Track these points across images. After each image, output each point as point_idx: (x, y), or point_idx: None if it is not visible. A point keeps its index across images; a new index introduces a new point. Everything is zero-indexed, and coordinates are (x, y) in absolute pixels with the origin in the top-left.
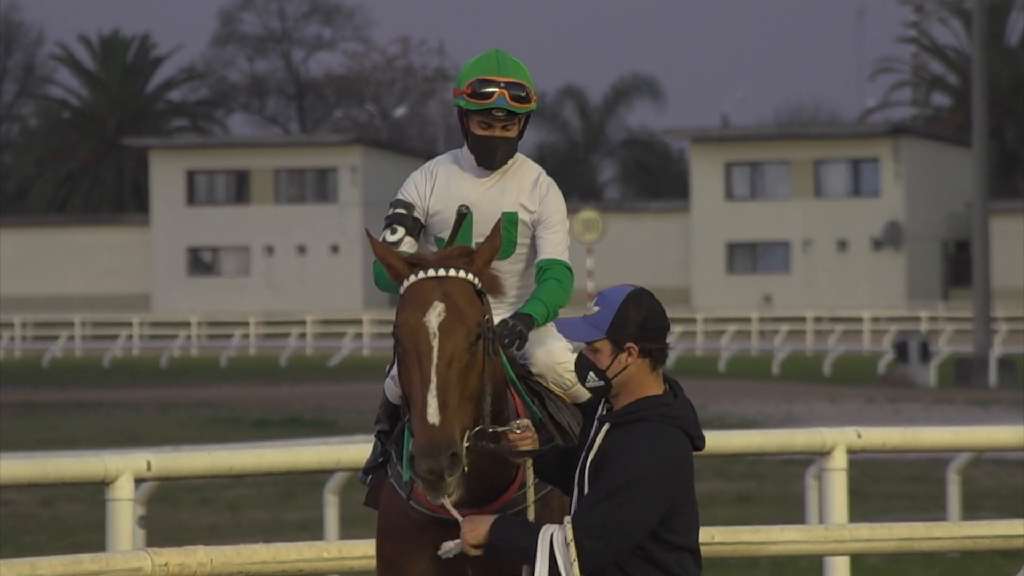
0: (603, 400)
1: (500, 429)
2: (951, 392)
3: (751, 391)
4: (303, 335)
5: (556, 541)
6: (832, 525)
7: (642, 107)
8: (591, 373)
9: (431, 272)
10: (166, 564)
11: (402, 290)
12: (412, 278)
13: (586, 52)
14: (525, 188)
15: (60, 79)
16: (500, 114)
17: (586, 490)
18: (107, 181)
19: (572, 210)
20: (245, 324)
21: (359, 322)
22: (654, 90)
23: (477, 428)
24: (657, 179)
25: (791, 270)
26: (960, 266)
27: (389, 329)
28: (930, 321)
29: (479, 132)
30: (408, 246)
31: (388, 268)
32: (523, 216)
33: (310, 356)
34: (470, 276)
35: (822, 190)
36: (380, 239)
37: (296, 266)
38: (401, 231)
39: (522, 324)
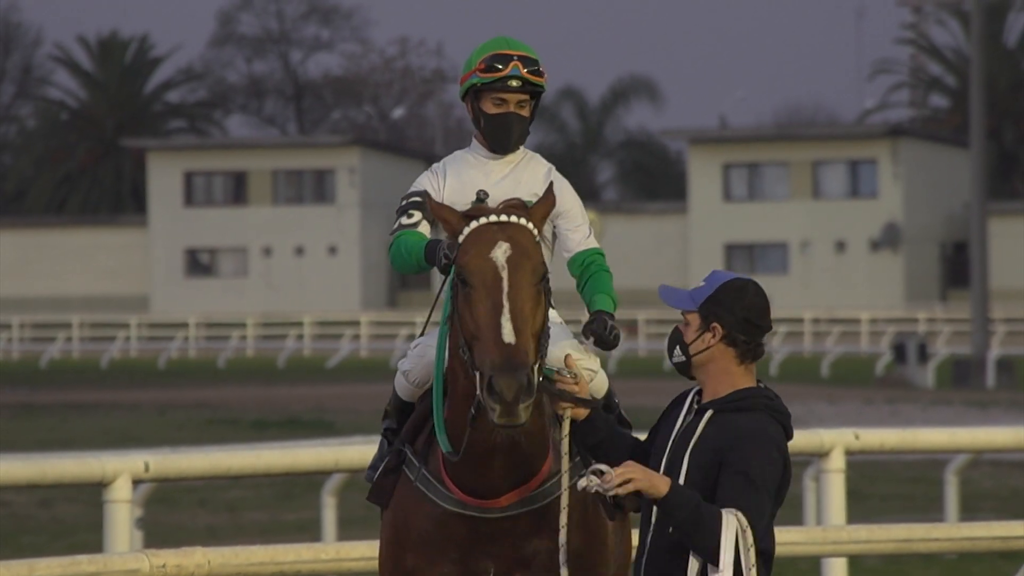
0: (694, 392)
1: (556, 370)
2: (949, 393)
3: None
4: (301, 336)
5: (738, 526)
6: (830, 526)
7: (640, 108)
8: (677, 347)
9: (492, 218)
10: (164, 565)
11: (462, 238)
12: (473, 224)
13: (584, 53)
14: (539, 180)
15: (58, 80)
16: (516, 84)
17: (682, 475)
18: (105, 182)
19: None
20: (243, 325)
21: (357, 323)
22: (652, 91)
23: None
24: (655, 180)
25: (789, 271)
26: (958, 267)
27: (387, 331)
28: (928, 322)
29: (493, 110)
30: (425, 228)
31: (443, 223)
32: None
33: (308, 357)
34: (529, 224)
35: (820, 191)
36: (395, 225)
37: (294, 267)
38: (417, 215)
39: (613, 321)
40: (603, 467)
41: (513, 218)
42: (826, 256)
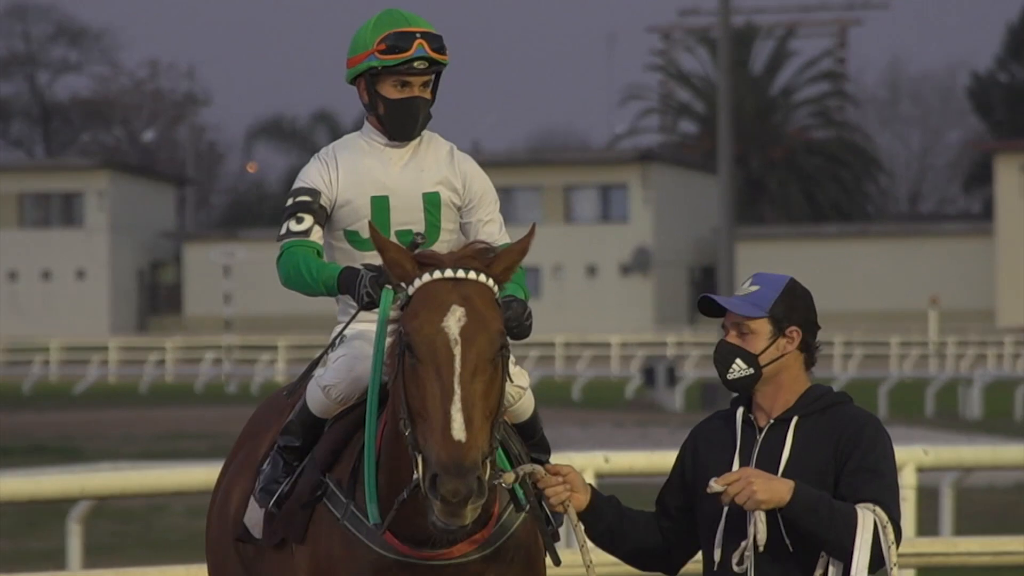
0: (743, 405)
1: (527, 470)
2: (698, 416)
3: None
4: (47, 361)
5: (877, 522)
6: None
7: None
8: (737, 360)
9: (447, 272)
10: None
11: (411, 291)
12: (425, 277)
13: (337, 76)
14: (443, 164)
15: None
16: (422, 66)
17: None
18: None
19: None
20: None
21: (105, 348)
22: None
23: (488, 459)
24: None
25: (542, 295)
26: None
27: (136, 356)
28: (677, 346)
29: (396, 95)
30: (316, 236)
31: (395, 267)
32: (446, 196)
33: (54, 383)
34: (489, 281)
35: (572, 216)
36: (283, 230)
37: (41, 291)
38: (308, 219)
39: (526, 310)
40: (717, 486)
41: (471, 274)
42: (578, 280)
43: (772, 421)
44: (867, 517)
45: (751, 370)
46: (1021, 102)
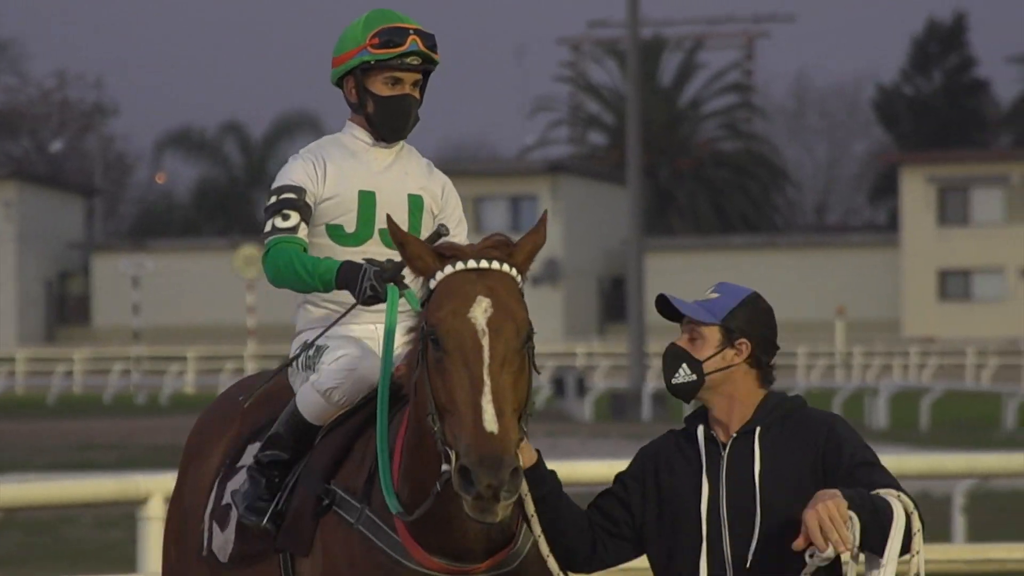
0: (701, 423)
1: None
2: (607, 426)
3: None
4: None
5: (904, 510)
6: None
7: (304, 143)
8: (683, 366)
9: (470, 263)
10: None
11: (433, 284)
12: (448, 269)
13: (247, 87)
14: (423, 171)
15: None
16: (415, 61)
17: (757, 506)
18: None
19: (233, 246)
20: None
21: (12, 360)
22: (316, 125)
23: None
24: None
25: None
26: (615, 302)
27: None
28: (587, 356)
29: (387, 92)
30: (303, 233)
31: (415, 260)
32: (427, 202)
33: None
34: (512, 271)
35: (483, 227)
36: (268, 227)
37: None
38: (295, 216)
39: None
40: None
41: (495, 264)
42: None
43: (735, 435)
44: (897, 504)
45: (694, 376)
46: (926, 114)
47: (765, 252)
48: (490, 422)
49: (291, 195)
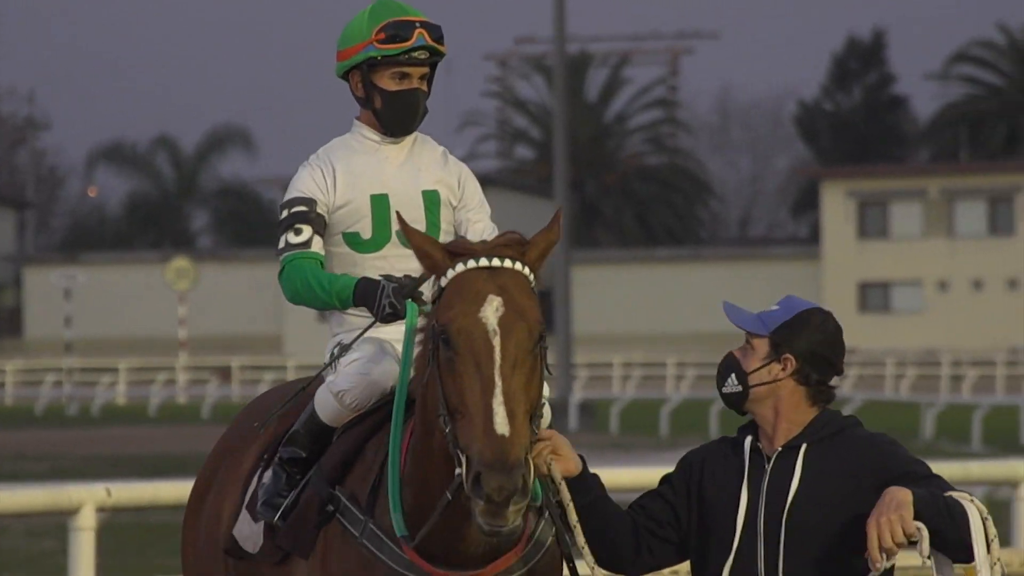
0: (751, 434)
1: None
2: None
3: None
4: None
5: (980, 514)
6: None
7: (235, 157)
8: (732, 376)
9: (481, 262)
10: None
11: (444, 282)
12: (459, 267)
13: (179, 102)
14: (437, 163)
15: None
16: (422, 55)
17: (783, 529)
18: None
19: (164, 259)
20: None
21: None
22: (247, 140)
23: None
24: (250, 227)
25: None
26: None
27: None
28: None
29: (394, 87)
30: (317, 247)
31: (425, 258)
32: (444, 195)
33: None
34: (525, 269)
35: None
36: (281, 243)
37: None
38: (307, 230)
39: None
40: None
41: (507, 262)
42: None
43: (780, 449)
44: (971, 508)
45: (740, 387)
46: (846, 130)
47: (690, 265)
48: (501, 425)
49: (302, 208)
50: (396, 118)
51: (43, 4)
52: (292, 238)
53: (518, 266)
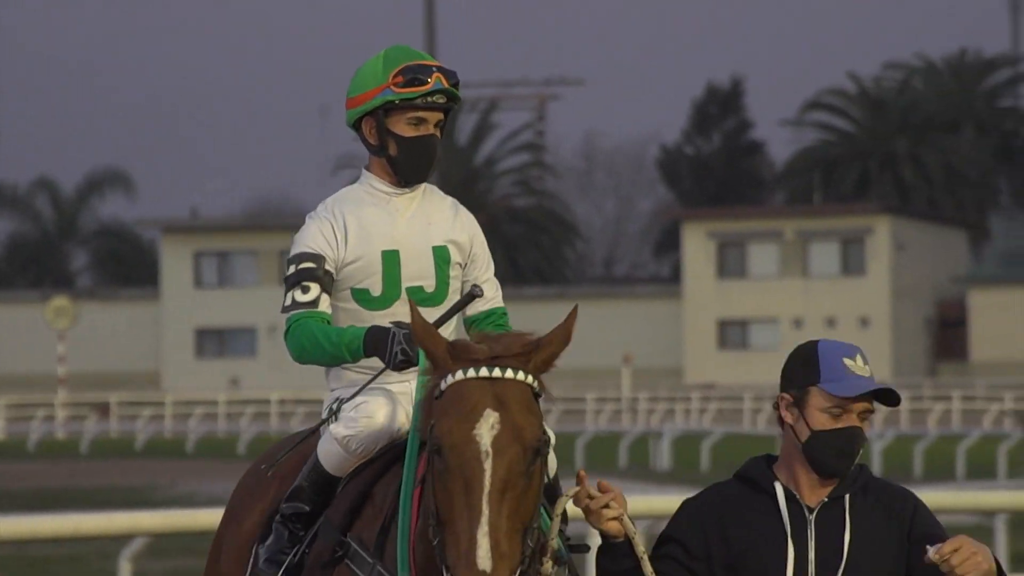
0: (774, 480)
1: (555, 546)
2: None
3: (218, 471)
4: None
5: None
6: None
7: (115, 198)
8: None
9: (482, 371)
10: None
11: (443, 387)
12: (459, 375)
13: (59, 144)
14: (447, 217)
15: None
16: (441, 100)
17: (841, 570)
18: None
19: (44, 298)
20: None
21: None
22: (126, 182)
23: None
24: (129, 267)
25: (258, 354)
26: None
27: None
28: None
29: (411, 132)
30: (324, 306)
31: (429, 355)
32: (453, 253)
33: None
34: (528, 378)
35: None
36: (287, 301)
37: None
38: (315, 289)
39: None
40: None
41: (508, 372)
42: None
43: (827, 500)
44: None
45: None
46: (706, 173)
47: (556, 303)
48: (483, 559)
49: (310, 264)
50: (412, 165)
51: None
52: (299, 296)
53: (520, 376)
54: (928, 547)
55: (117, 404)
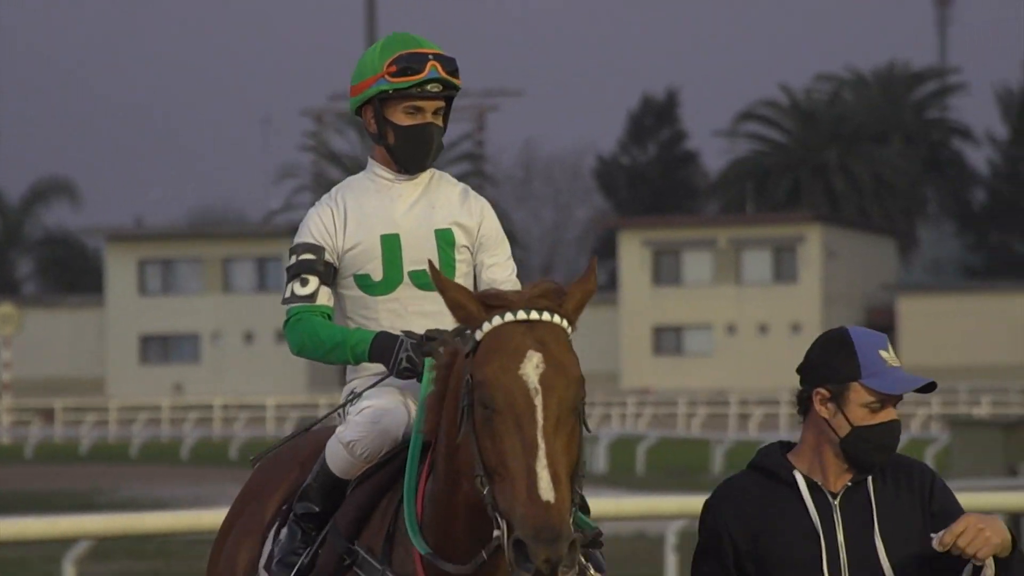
0: (792, 468)
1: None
2: None
3: (162, 475)
4: None
5: None
6: None
7: (60, 207)
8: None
9: (519, 315)
10: None
11: (479, 336)
12: (496, 320)
13: (3, 152)
14: (454, 202)
15: None
16: (435, 89)
17: (882, 558)
18: None
19: None
20: None
21: None
22: (71, 191)
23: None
24: (74, 274)
25: (201, 360)
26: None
27: None
28: (329, 407)
29: (407, 121)
30: (325, 298)
31: (458, 309)
32: (459, 236)
33: None
34: (563, 322)
35: (231, 286)
36: (287, 293)
37: None
38: (314, 282)
39: None
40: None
41: (544, 315)
42: (237, 347)
43: (850, 484)
44: None
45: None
46: (642, 182)
47: None
48: (546, 491)
49: (309, 256)
50: (409, 153)
51: None
52: (298, 289)
53: (556, 319)
54: (932, 535)
55: (62, 409)
